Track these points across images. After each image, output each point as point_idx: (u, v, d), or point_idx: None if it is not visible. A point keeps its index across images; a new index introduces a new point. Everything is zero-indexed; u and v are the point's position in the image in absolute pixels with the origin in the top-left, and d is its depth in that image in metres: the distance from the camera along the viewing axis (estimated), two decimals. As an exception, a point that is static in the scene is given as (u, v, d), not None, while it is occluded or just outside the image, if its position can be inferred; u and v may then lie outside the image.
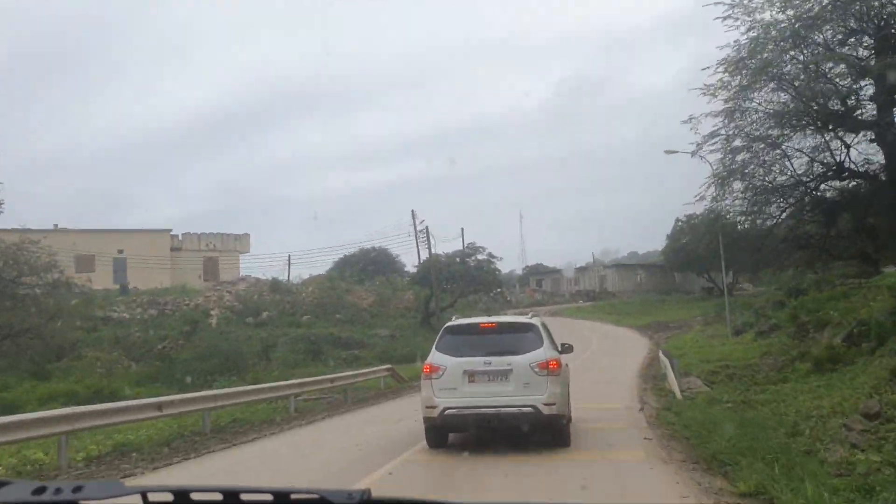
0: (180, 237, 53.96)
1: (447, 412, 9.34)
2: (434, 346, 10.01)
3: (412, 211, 41.42)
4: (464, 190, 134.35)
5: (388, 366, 20.84)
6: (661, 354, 20.87)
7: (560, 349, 10.51)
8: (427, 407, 9.55)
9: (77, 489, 1.45)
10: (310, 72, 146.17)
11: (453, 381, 9.42)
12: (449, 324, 10.36)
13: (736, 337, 31.16)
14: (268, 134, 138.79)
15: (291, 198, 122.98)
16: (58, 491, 1.45)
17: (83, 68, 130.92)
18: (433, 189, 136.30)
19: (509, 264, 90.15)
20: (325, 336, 36.95)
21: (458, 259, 41.86)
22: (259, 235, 77.31)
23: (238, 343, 34.83)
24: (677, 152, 35.03)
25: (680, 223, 76.92)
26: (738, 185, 20.63)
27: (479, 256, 42.52)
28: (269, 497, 1.50)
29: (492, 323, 10.64)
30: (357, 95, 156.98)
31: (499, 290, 46.56)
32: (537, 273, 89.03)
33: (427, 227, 39.71)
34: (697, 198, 22.84)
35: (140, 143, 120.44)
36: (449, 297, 46.25)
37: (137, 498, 1.56)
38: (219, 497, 1.52)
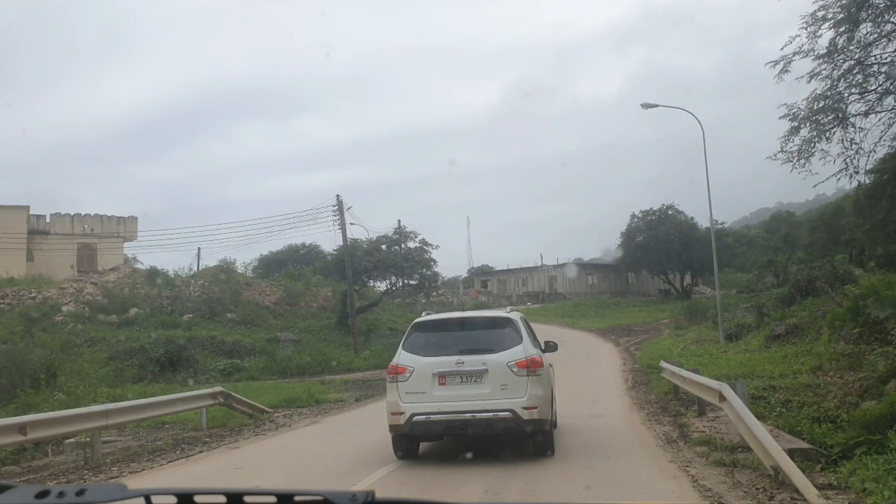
0: (48, 218, 44.17)
1: (415, 419, 8.37)
2: (401, 345, 9.07)
3: (337, 196, 32.59)
4: (410, 195, 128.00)
5: (217, 389, 12.50)
6: (667, 367, 13.26)
7: (543, 347, 9.65)
8: (392, 413, 8.53)
9: (80, 492, 1.45)
10: (253, 74, 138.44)
11: (422, 383, 8.51)
12: (418, 320, 9.34)
13: (731, 342, 24.08)
14: (208, 135, 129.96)
15: (231, 199, 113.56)
16: (61, 494, 1.45)
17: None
18: (379, 194, 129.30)
19: (457, 271, 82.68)
20: (203, 340, 28.27)
21: (383, 246, 33.41)
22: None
23: (76, 348, 25.98)
24: (657, 106, 28.16)
25: (635, 219, 70.70)
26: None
27: (411, 244, 34.37)
28: (272, 499, 1.48)
29: (465, 318, 10.05)
30: (301, 99, 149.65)
31: (437, 286, 38.43)
32: (483, 274, 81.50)
33: (341, 200, 31.05)
34: (778, 67, 13.41)
35: (78, 141, 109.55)
36: (373, 293, 37.92)
37: (141, 501, 1.51)
38: (223, 500, 1.49)
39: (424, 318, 9.35)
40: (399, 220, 35.25)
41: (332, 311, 35.77)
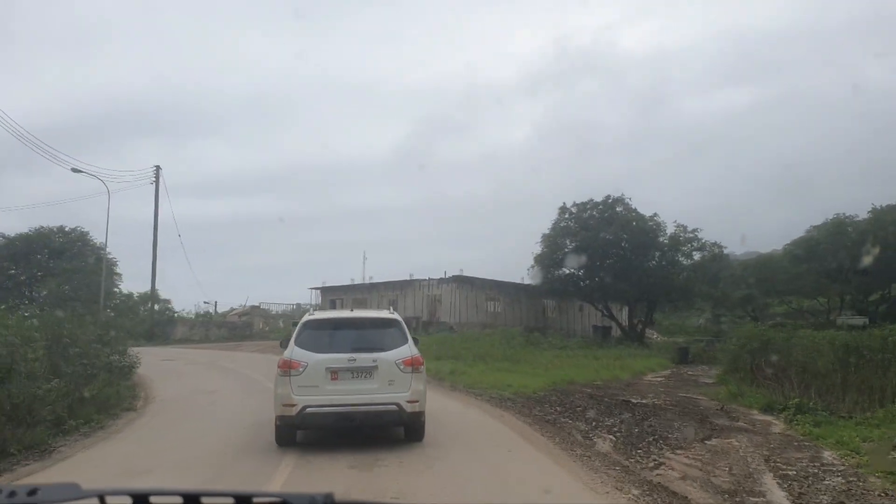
0: None
1: (307, 410, 9.24)
2: (292, 341, 9.72)
3: None
4: (309, 228, 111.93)
5: None
6: None
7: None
8: (284, 405, 9.32)
9: (32, 492, 1.41)
10: (152, 92, 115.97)
11: (315, 378, 9.34)
12: (308, 317, 10.20)
13: None
14: (97, 151, 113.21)
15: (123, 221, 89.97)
16: (12, 494, 1.39)
17: None
18: (278, 225, 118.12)
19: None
20: None
21: None
22: None
23: None
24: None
25: (567, 215, 45.07)
26: None
27: None
28: (230, 500, 1.47)
29: (355, 318, 10.74)
30: (201, 122, 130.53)
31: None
32: (333, 292, 53.76)
33: None
34: None
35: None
36: None
37: (95, 501, 1.49)
38: (179, 500, 1.47)
39: (315, 315, 10.36)
40: None
41: None
